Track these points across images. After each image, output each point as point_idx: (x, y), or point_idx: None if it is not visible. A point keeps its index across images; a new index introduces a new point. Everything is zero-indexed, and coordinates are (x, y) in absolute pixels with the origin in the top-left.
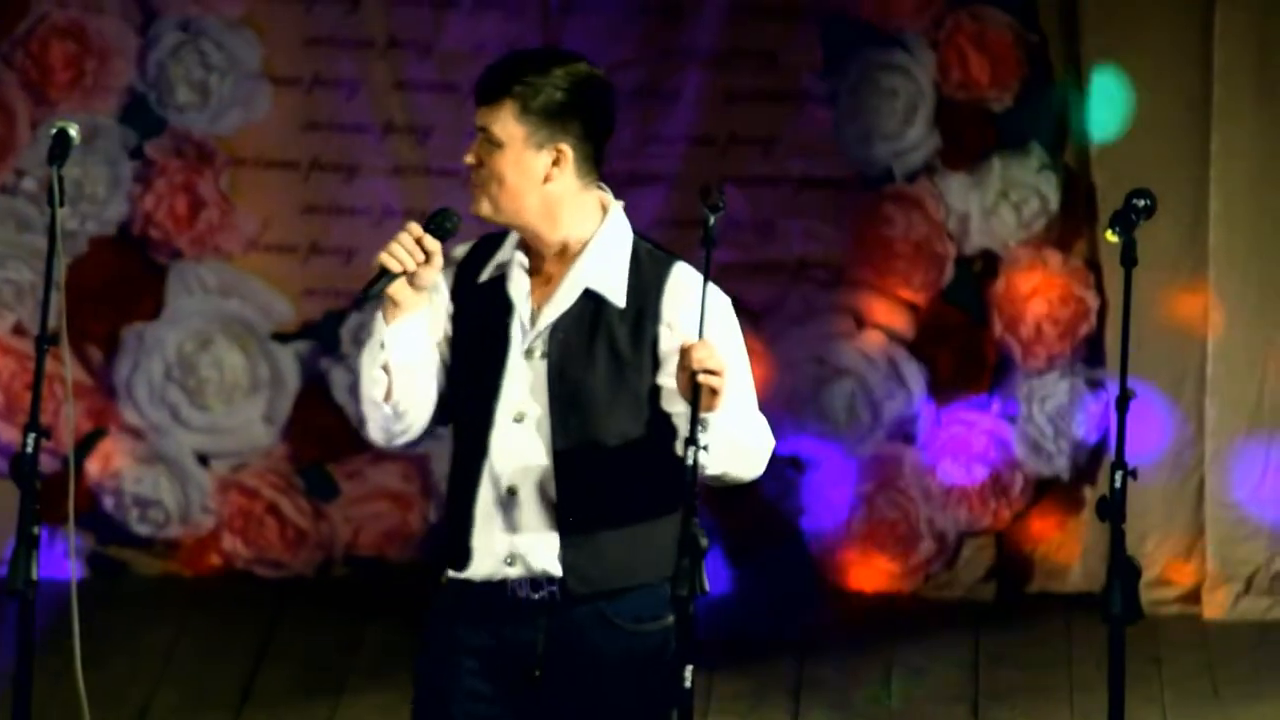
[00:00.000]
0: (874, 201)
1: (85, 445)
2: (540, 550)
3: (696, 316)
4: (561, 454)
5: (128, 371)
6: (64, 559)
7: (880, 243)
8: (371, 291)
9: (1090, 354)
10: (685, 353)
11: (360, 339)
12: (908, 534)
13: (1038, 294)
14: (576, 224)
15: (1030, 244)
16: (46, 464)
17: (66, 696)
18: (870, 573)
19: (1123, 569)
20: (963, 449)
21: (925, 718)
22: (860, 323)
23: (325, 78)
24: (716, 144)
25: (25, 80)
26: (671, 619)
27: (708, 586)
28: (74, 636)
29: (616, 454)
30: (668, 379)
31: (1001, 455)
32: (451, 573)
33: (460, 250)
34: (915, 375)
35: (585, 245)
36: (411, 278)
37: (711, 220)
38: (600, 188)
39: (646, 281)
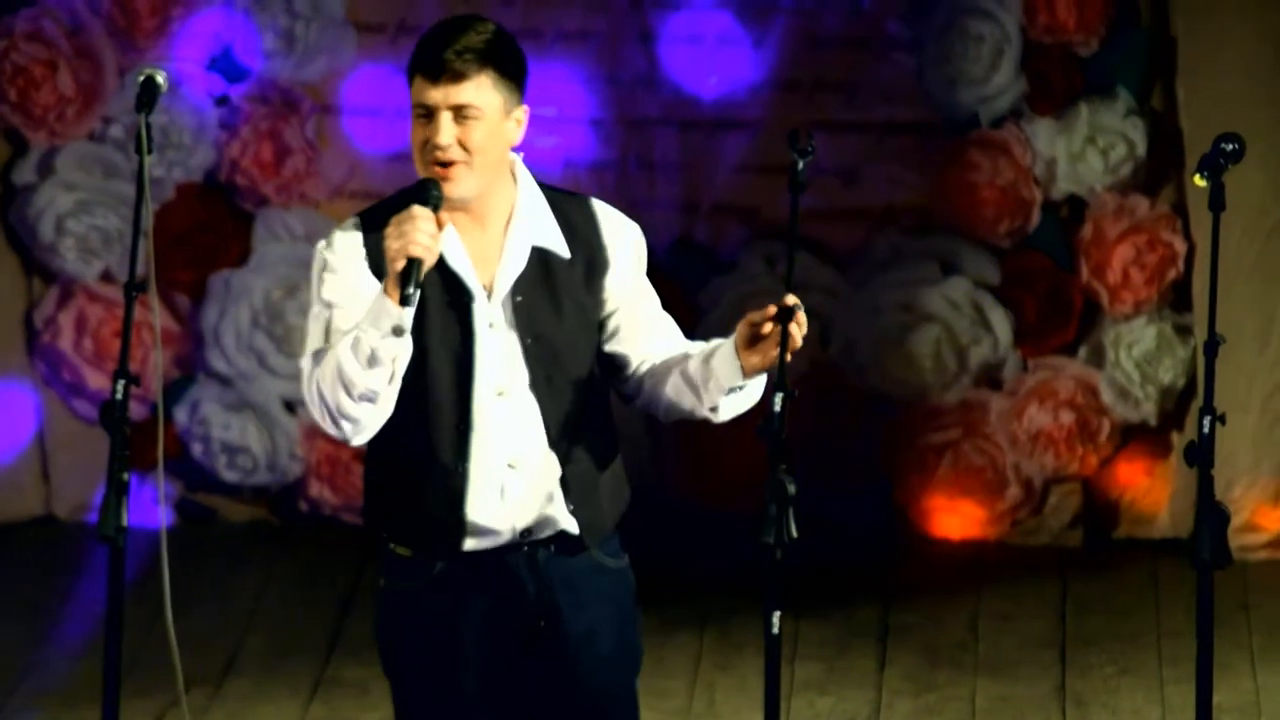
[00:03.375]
0: (960, 147)
1: (173, 392)
2: (549, 516)
3: (633, 252)
4: (553, 419)
5: (215, 318)
6: (153, 506)
7: (966, 188)
8: (411, 290)
9: (1177, 299)
10: (788, 311)
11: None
12: (994, 480)
13: (1124, 239)
14: (505, 184)
15: (1117, 189)
16: (135, 411)
17: (157, 642)
18: (957, 519)
19: (1211, 514)
20: (1049, 395)
21: (1012, 664)
22: (946, 269)
23: (410, 24)
24: (802, 90)
25: (112, 28)
26: (626, 560)
27: (795, 533)
28: (164, 583)
29: (591, 403)
30: (621, 316)
31: (1088, 401)
32: (439, 560)
33: (350, 236)
34: (1001, 321)
35: (513, 205)
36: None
37: (800, 165)
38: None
39: (577, 225)
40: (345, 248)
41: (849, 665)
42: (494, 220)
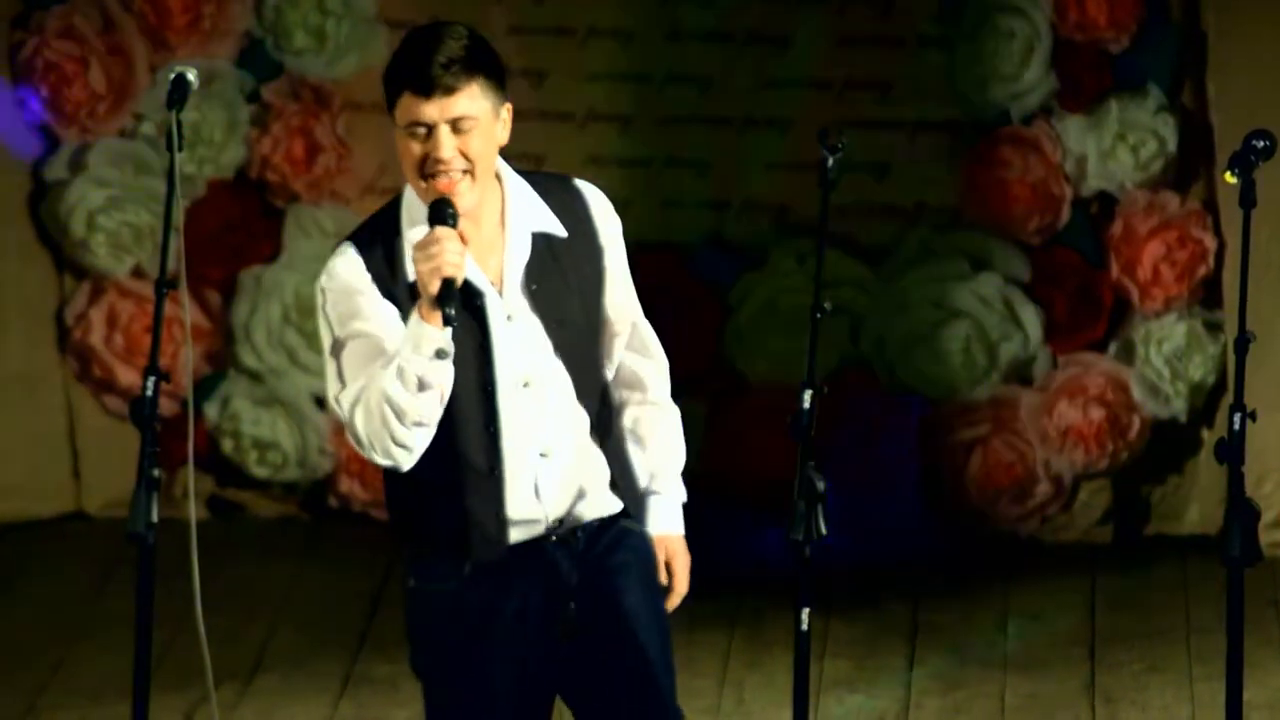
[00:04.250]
0: (990, 144)
1: (204, 388)
2: (589, 501)
3: (618, 228)
4: (584, 399)
5: (246, 314)
6: (183, 501)
7: (996, 185)
8: (451, 310)
9: (1208, 296)
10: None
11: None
12: (1024, 476)
13: (1155, 236)
14: (493, 180)
15: (1147, 186)
16: (166, 407)
17: (186, 639)
18: (986, 516)
19: (1241, 511)
20: (1079, 391)
21: (1042, 661)
22: (976, 265)
23: (441, 20)
24: (832, 88)
25: (144, 25)
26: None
27: (825, 530)
28: (194, 579)
29: (601, 383)
30: (614, 294)
31: (1118, 397)
32: (475, 559)
33: (350, 261)
34: (1031, 318)
35: (503, 197)
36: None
37: (830, 162)
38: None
39: (567, 205)
40: (349, 274)
41: (878, 663)
42: (487, 215)
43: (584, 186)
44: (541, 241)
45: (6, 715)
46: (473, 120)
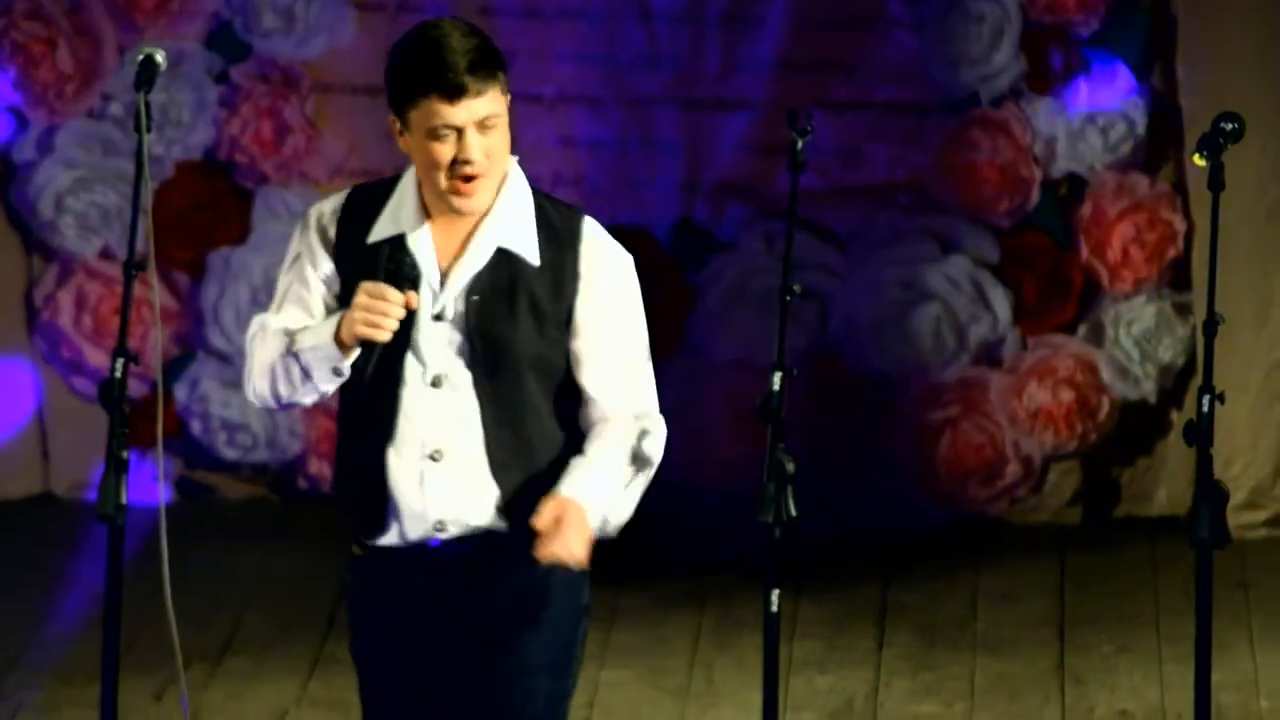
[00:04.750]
0: (960, 126)
1: (173, 370)
2: (472, 511)
3: (613, 280)
4: (490, 414)
5: (215, 296)
6: (152, 483)
7: (966, 167)
8: (370, 370)
9: (1177, 278)
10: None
11: None
12: (993, 458)
13: (1124, 218)
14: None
15: (1117, 168)
16: (134, 388)
17: (155, 620)
18: (956, 497)
19: (1210, 493)
20: (1049, 373)
21: (1011, 642)
22: (946, 247)
23: (410, 3)
24: (801, 69)
25: (112, 6)
26: (580, 575)
27: (794, 512)
28: (163, 561)
29: (539, 408)
30: (580, 343)
31: (1088, 379)
32: (366, 541)
33: (331, 205)
34: (1001, 299)
35: (493, 202)
36: None
37: (799, 144)
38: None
39: (559, 237)
40: (329, 217)
41: (848, 644)
42: (469, 214)
43: (590, 227)
44: (505, 259)
45: None
46: (496, 118)
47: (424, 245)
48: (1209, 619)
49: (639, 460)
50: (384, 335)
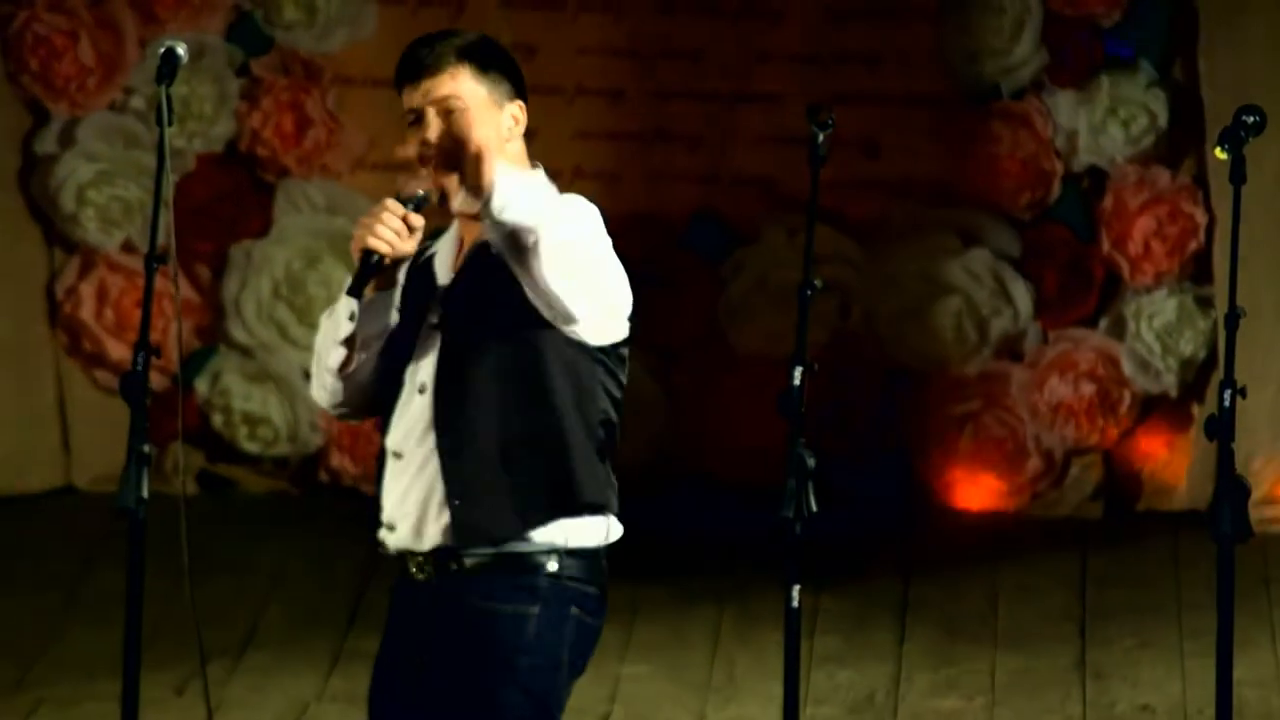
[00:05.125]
0: (981, 119)
1: (194, 363)
2: (421, 519)
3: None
4: (446, 416)
5: (236, 289)
6: (174, 476)
7: (987, 160)
8: (364, 279)
9: (1198, 271)
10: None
11: None
12: (1014, 452)
13: (1146, 211)
14: None
15: (1138, 161)
16: (156, 382)
17: (177, 614)
18: (977, 491)
19: (1231, 487)
20: (1070, 366)
21: (1032, 637)
22: (967, 240)
23: None
24: (822, 62)
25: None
26: (536, 610)
27: (815, 506)
28: (184, 554)
29: (514, 410)
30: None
31: (1109, 373)
32: (379, 547)
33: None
34: (1022, 293)
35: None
36: (395, 254)
37: (820, 138)
38: (534, 164)
39: None
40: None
41: (868, 638)
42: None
43: None
44: (485, 256)
45: None
46: (460, 100)
47: (445, 257)
48: (1231, 613)
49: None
50: (377, 242)
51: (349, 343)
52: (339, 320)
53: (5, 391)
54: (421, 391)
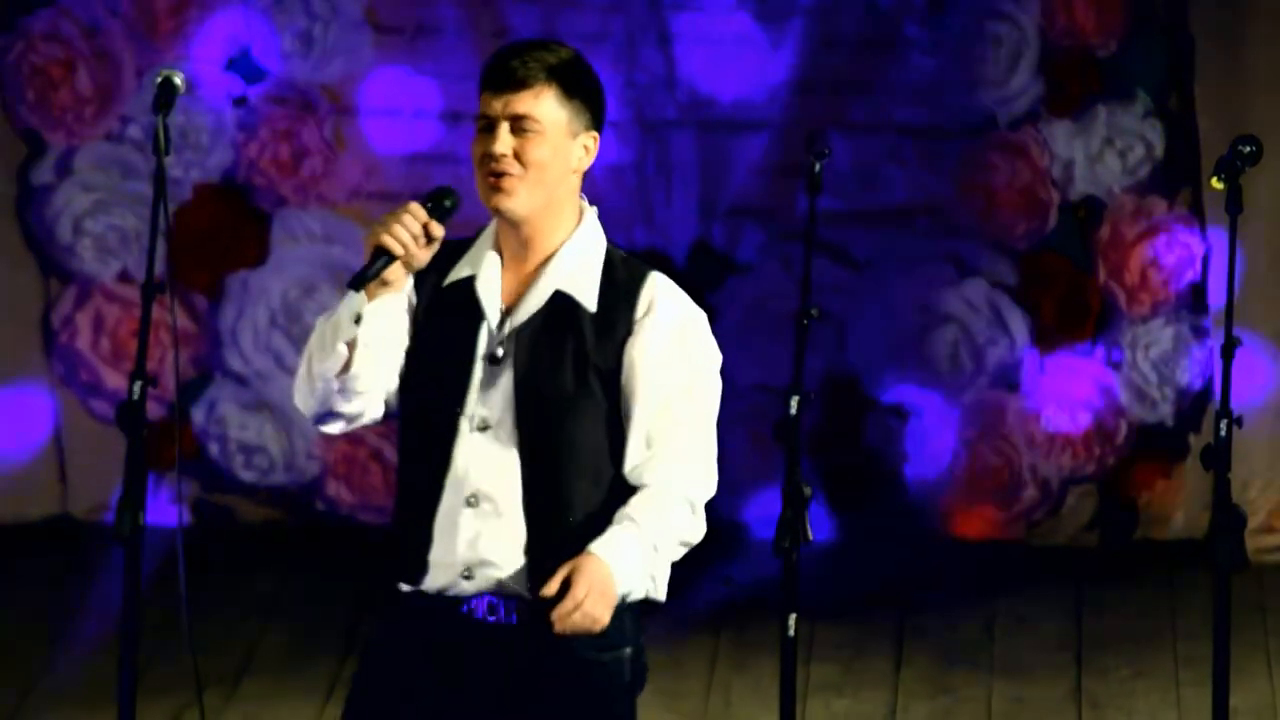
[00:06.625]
0: (978, 148)
1: (190, 392)
2: (502, 563)
3: (666, 326)
4: (529, 463)
5: (233, 318)
6: (170, 505)
7: (984, 190)
8: (370, 274)
9: (1195, 301)
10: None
11: None
12: (1011, 481)
13: (1142, 241)
14: (563, 224)
15: (1135, 190)
16: (152, 411)
17: (173, 643)
18: (973, 520)
19: (1227, 517)
20: (1066, 396)
21: (1028, 666)
22: (963, 270)
23: (427, 26)
24: (819, 91)
25: (130, 29)
26: (629, 651)
27: (811, 535)
28: (180, 583)
29: (582, 462)
30: (627, 391)
31: (1105, 402)
32: (405, 586)
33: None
34: (1019, 322)
35: (560, 247)
36: (408, 259)
37: (817, 167)
38: (582, 199)
39: (620, 288)
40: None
41: (865, 667)
42: (540, 254)
43: (654, 279)
44: (562, 301)
45: None
46: (536, 124)
47: (491, 284)
48: (1227, 643)
49: (674, 535)
50: (392, 242)
51: (350, 345)
52: (341, 322)
53: (1, 421)
54: (483, 429)
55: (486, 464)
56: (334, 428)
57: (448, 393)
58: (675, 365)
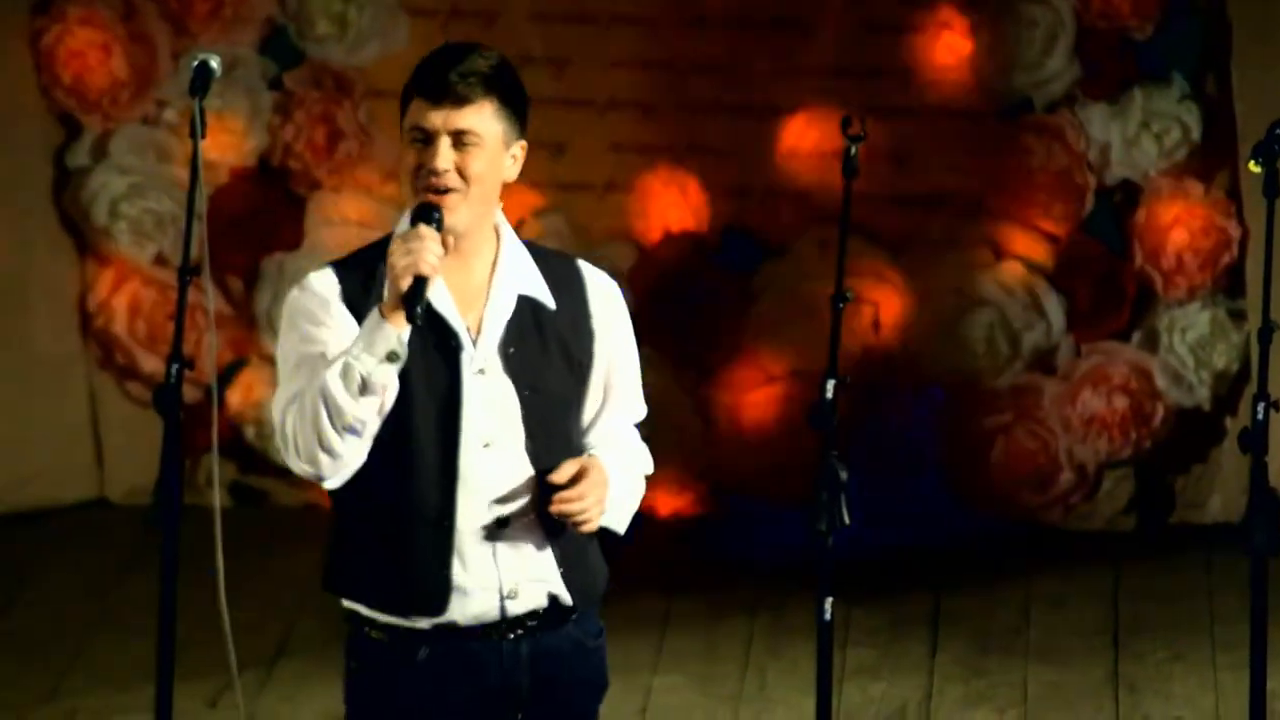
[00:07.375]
0: (1013, 132)
1: (227, 375)
2: (539, 579)
3: (618, 314)
4: (545, 473)
5: (268, 302)
6: (206, 488)
7: (1020, 173)
8: (420, 306)
9: (1231, 285)
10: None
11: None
12: (1047, 465)
13: (1179, 224)
14: (490, 229)
15: (1171, 174)
16: (189, 394)
17: (209, 626)
18: (1009, 504)
19: (1264, 501)
20: (1103, 380)
21: (1065, 650)
22: (999, 254)
23: (463, 9)
24: (854, 75)
25: (166, 12)
26: (601, 640)
27: (847, 519)
28: (217, 566)
29: (575, 454)
30: (606, 386)
31: (1142, 386)
32: (422, 622)
33: (318, 277)
34: (1055, 306)
35: (497, 252)
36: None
37: (852, 150)
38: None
39: (561, 281)
40: (321, 287)
41: (901, 651)
42: (478, 264)
43: (586, 268)
44: (526, 305)
45: (30, 701)
46: (477, 138)
47: (442, 297)
48: (1264, 626)
49: (641, 475)
50: (428, 268)
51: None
52: (380, 369)
53: (39, 405)
54: (488, 446)
55: (502, 482)
56: (336, 479)
57: (443, 414)
58: (631, 346)
